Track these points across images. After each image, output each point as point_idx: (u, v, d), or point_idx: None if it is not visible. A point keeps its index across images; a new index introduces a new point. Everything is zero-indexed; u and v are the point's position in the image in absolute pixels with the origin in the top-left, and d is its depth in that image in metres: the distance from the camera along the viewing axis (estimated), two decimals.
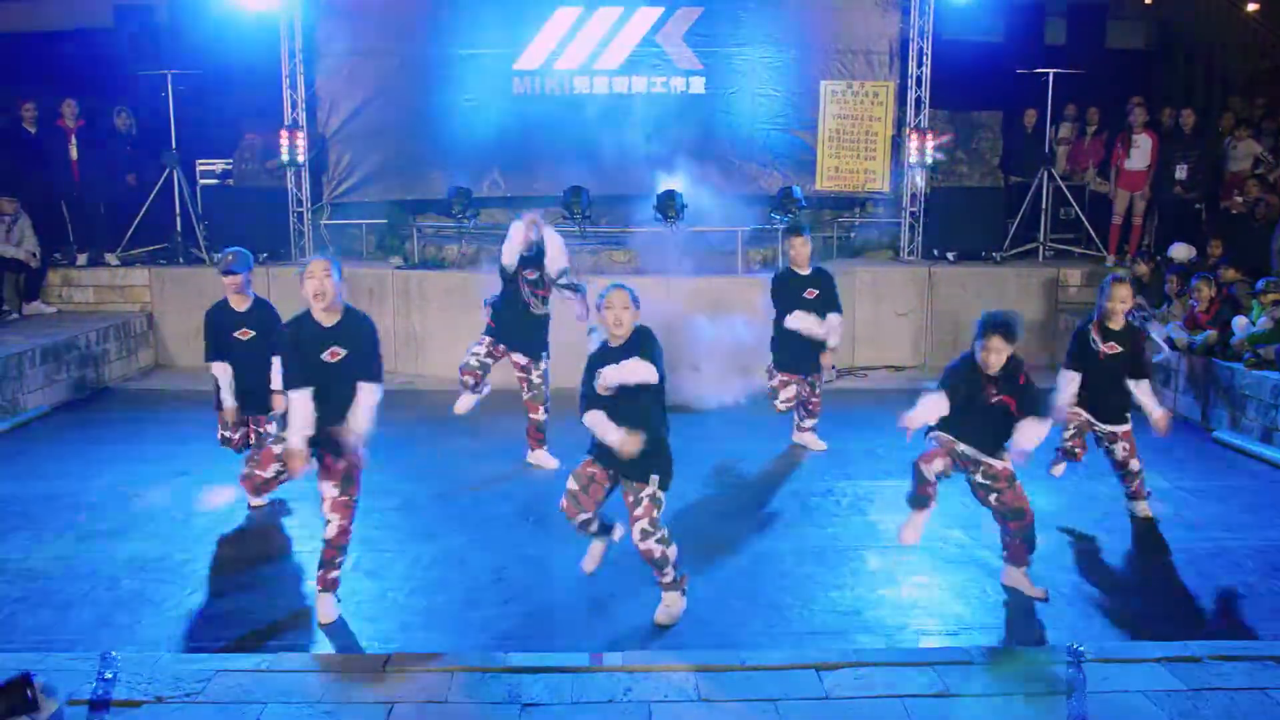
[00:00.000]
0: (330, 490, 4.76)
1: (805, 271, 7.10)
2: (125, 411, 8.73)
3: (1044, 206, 11.18)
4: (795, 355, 7.12)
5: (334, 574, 4.85)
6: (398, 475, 6.33)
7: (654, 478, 4.56)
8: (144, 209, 10.64)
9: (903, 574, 5.38)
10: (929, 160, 10.95)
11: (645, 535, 4.55)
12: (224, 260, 6.11)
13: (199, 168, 11.31)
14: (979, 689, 4.00)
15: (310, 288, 4.59)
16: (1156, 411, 5.74)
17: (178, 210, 10.73)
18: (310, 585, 5.18)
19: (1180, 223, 10.22)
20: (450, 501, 6.35)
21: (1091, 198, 11.43)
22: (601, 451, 4.59)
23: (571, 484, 4.69)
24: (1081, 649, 4.24)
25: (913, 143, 10.87)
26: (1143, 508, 6.08)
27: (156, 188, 10.63)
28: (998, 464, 4.86)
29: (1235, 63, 12.25)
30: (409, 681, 4.02)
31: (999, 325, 4.67)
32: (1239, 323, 7.91)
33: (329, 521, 4.78)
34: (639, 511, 4.55)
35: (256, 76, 11.02)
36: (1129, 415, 5.95)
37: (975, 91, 11.86)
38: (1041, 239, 11.25)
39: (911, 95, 10.97)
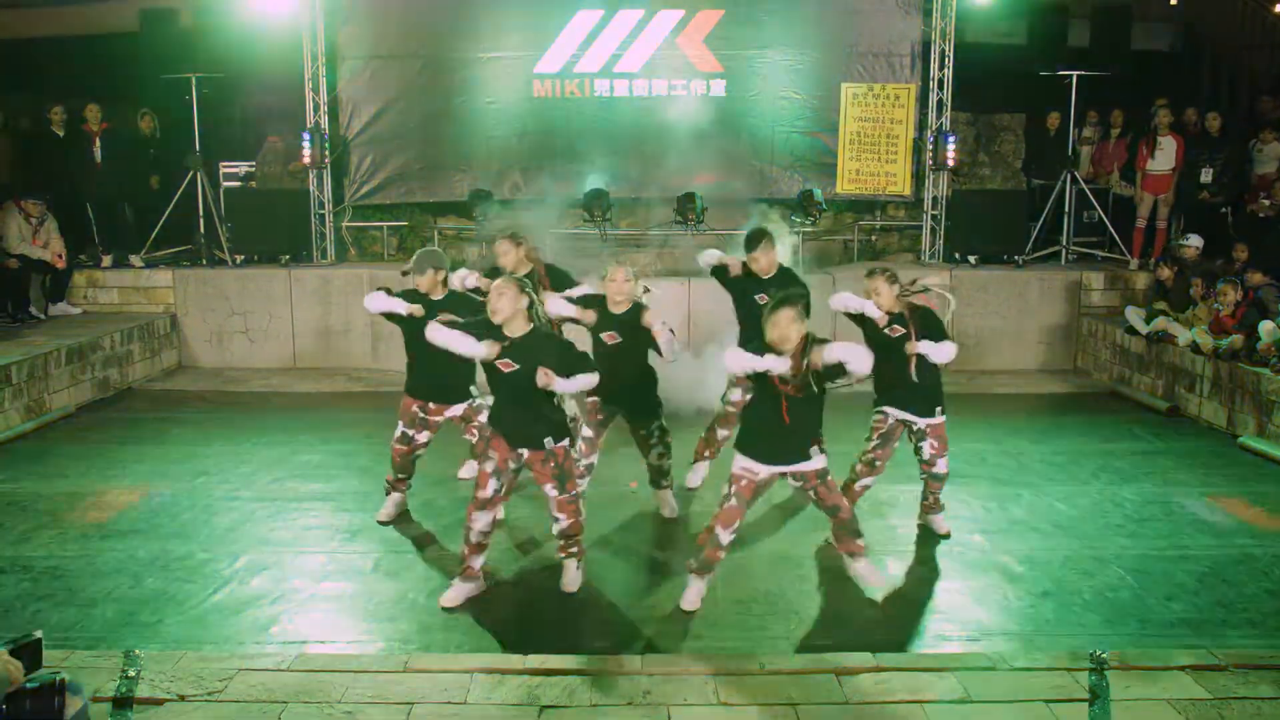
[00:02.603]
0: (552, 490, 4.95)
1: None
2: (149, 412, 8.81)
3: (1067, 210, 11.09)
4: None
5: (575, 548, 5.07)
6: (418, 478, 6.34)
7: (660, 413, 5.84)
8: (168, 211, 10.73)
9: (923, 579, 5.36)
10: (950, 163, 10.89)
11: (661, 456, 5.87)
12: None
13: (222, 170, 11.41)
14: (1000, 694, 3.97)
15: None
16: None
17: (201, 212, 10.81)
18: (333, 586, 5.22)
19: (1206, 226, 10.12)
20: (464, 504, 6.34)
21: (1115, 201, 11.34)
22: (608, 398, 5.64)
23: (586, 431, 5.72)
24: (1105, 655, 4.20)
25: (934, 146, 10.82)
26: (939, 522, 5.90)
27: (180, 190, 10.71)
28: (806, 467, 4.78)
29: (1262, 64, 12.11)
30: (428, 682, 4.03)
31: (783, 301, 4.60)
32: (1265, 327, 7.82)
33: (557, 519, 4.98)
34: (654, 441, 5.81)
35: (279, 80, 11.11)
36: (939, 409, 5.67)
37: (997, 94, 11.79)
38: (1064, 243, 11.17)
39: (933, 98, 10.92)
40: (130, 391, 9.50)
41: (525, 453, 4.90)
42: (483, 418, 5.84)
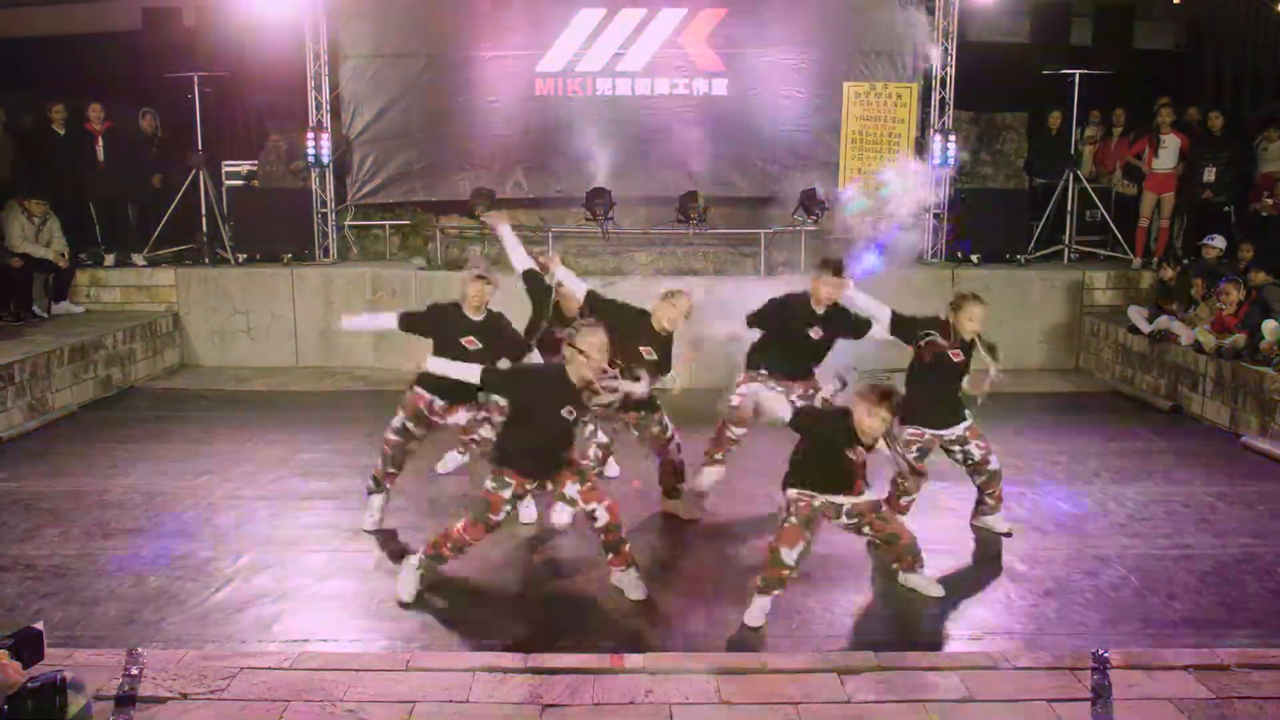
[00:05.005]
0: (573, 489, 4.92)
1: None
2: (151, 410, 8.82)
3: (1069, 208, 11.08)
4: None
5: (626, 547, 4.97)
6: (419, 476, 6.35)
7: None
8: (170, 210, 10.74)
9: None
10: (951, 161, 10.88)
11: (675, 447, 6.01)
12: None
13: (224, 169, 11.41)
14: (1003, 694, 3.97)
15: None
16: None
17: (203, 211, 10.82)
18: (336, 584, 5.22)
19: (1208, 225, 10.11)
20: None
21: (1118, 200, 11.33)
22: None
23: (601, 437, 6.00)
24: (1108, 655, 4.20)
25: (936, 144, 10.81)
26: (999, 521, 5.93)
27: (182, 189, 10.72)
28: (860, 501, 4.80)
29: (1265, 64, 12.09)
30: (431, 681, 4.03)
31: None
32: (1268, 326, 7.81)
33: (594, 517, 4.91)
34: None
35: (281, 79, 11.12)
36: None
37: (1000, 92, 11.78)
38: (1067, 241, 11.16)
39: (935, 96, 10.91)
40: (132, 390, 9.50)
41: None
42: (484, 431, 5.78)
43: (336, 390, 9.57)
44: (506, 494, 4.85)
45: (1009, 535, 5.86)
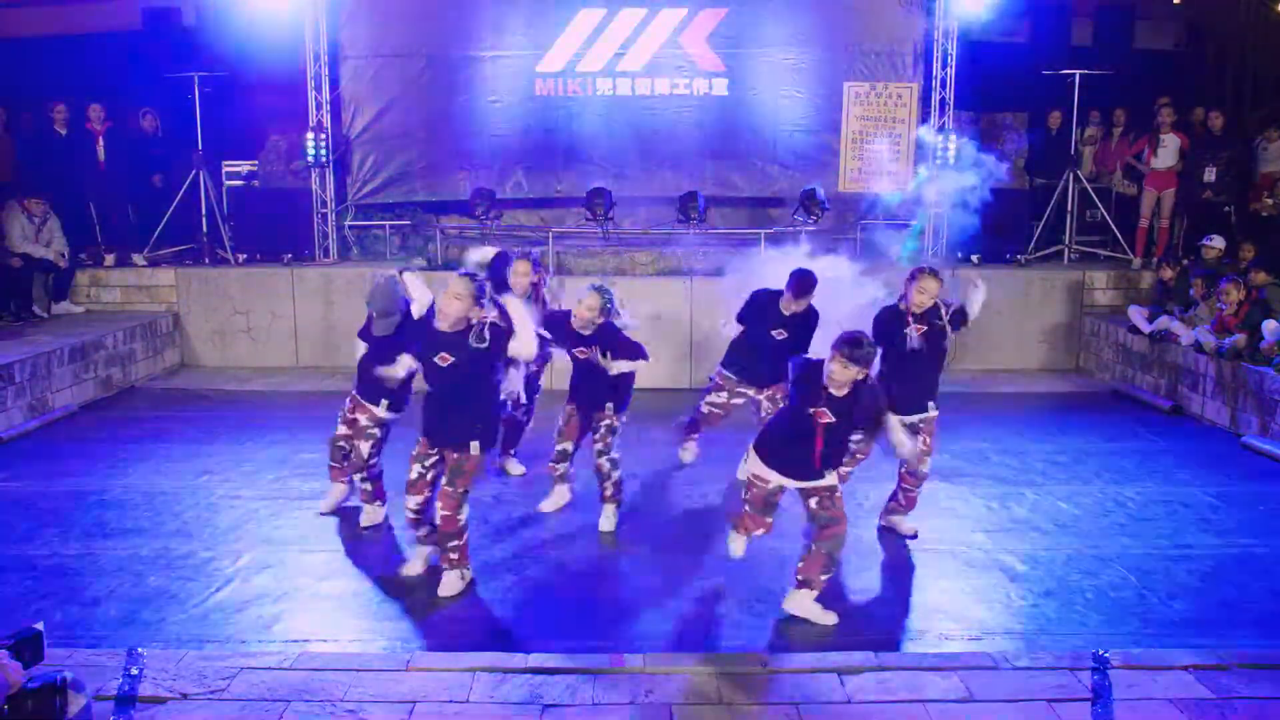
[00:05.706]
0: (441, 481, 5.02)
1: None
2: (151, 410, 8.81)
3: (1069, 209, 11.08)
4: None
5: (453, 555, 5.04)
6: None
7: (609, 405, 5.78)
8: (170, 210, 10.74)
9: (925, 578, 5.36)
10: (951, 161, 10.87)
11: (600, 454, 5.81)
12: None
13: (225, 169, 11.41)
14: (1003, 694, 3.97)
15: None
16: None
17: (204, 211, 10.82)
18: (336, 584, 5.22)
19: (1208, 225, 10.10)
20: (471, 502, 6.32)
21: (1118, 200, 11.33)
22: (577, 394, 5.84)
23: (558, 421, 5.90)
24: (1107, 655, 4.20)
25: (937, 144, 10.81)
26: (905, 524, 5.86)
27: (183, 189, 10.72)
28: (820, 484, 4.71)
29: (1265, 64, 12.09)
30: (431, 681, 4.03)
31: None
32: (1269, 326, 7.81)
33: (438, 512, 5.00)
34: (598, 435, 5.81)
35: (282, 79, 11.11)
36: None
37: (1000, 93, 11.77)
38: (1067, 242, 11.15)
39: (935, 96, 10.90)
40: (133, 390, 9.50)
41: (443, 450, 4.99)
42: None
43: (336, 390, 9.53)
44: (415, 451, 5.03)
45: (914, 537, 5.81)
